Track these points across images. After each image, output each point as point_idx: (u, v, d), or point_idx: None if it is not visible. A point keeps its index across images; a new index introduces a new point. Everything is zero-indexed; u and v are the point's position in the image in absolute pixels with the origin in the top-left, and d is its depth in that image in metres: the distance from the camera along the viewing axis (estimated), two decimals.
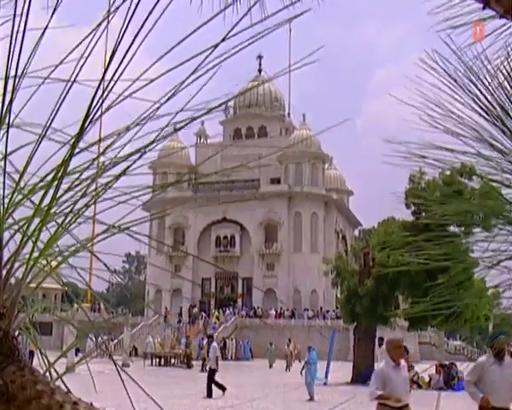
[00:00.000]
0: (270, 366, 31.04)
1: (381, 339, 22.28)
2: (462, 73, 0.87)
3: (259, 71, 62.10)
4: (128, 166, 0.58)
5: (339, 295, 26.03)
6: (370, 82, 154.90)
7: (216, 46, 0.58)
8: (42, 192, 0.58)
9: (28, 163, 0.59)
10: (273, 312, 46.40)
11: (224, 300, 51.48)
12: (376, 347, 20.00)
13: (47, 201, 0.54)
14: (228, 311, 46.47)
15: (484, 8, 0.89)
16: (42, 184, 0.58)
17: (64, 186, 0.58)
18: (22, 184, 0.58)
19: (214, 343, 16.86)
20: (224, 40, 0.58)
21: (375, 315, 19.24)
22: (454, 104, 0.86)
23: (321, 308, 47.65)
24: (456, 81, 0.87)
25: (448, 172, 1.01)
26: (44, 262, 0.60)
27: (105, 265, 0.65)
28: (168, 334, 37.58)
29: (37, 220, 0.55)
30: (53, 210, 0.57)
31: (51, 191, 0.57)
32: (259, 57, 60.72)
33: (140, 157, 0.60)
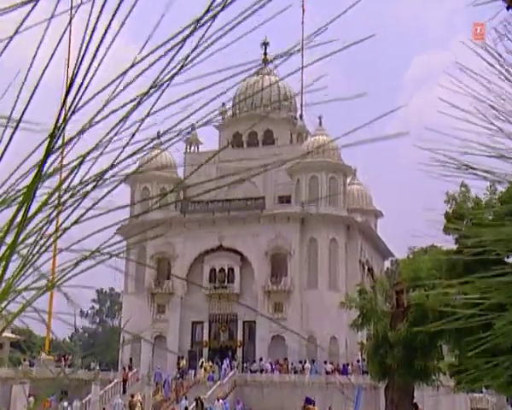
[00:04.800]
0: None
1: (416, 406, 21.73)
2: None
3: (265, 62, 62.53)
4: (107, 193, 0.58)
5: (364, 341, 25.81)
6: (407, 73, 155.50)
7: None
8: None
9: None
10: (268, 365, 45.99)
11: (220, 349, 51.13)
12: None
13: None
14: (225, 362, 46.15)
15: (508, 9, 0.90)
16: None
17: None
18: None
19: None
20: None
21: (411, 370, 19.02)
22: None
23: (356, 362, 47.16)
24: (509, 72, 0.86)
25: (505, 189, 0.99)
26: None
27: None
28: (149, 392, 37.36)
29: None
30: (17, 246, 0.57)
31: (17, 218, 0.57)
32: (265, 44, 61.15)
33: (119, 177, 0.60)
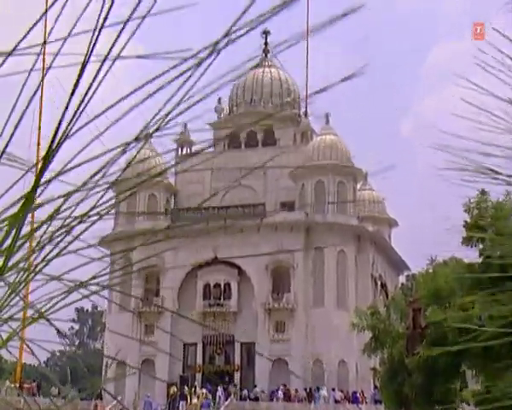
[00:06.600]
0: None
1: None
2: None
3: (265, 52, 62.71)
4: (90, 209, 0.57)
5: (377, 366, 25.77)
6: (423, 66, 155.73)
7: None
8: None
9: None
10: (280, 393, 45.92)
11: (215, 374, 51.02)
12: None
13: None
14: (219, 390, 46.06)
15: None
16: None
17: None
18: None
19: None
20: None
21: (431, 399, 18.97)
22: None
23: (369, 390, 47.10)
24: None
25: None
26: None
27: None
28: None
29: None
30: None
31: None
32: (265, 33, 61.31)
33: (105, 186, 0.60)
